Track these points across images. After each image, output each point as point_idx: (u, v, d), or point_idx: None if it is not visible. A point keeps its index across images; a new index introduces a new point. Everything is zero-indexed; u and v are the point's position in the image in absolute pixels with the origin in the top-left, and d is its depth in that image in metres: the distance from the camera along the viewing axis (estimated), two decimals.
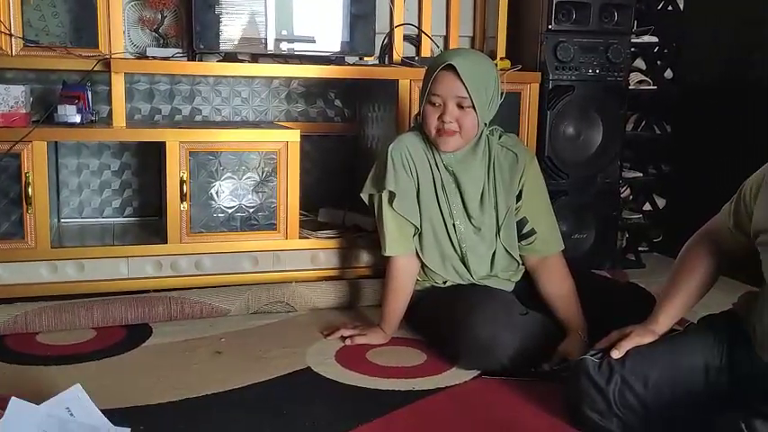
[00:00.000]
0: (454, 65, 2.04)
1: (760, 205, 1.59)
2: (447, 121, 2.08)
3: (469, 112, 2.08)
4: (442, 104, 2.08)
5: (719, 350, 1.68)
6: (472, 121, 2.09)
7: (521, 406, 1.87)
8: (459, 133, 2.10)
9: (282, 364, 2.06)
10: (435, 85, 2.08)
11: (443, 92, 2.07)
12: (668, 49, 3.44)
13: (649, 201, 3.55)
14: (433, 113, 2.10)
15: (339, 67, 2.73)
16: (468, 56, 2.15)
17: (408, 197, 2.17)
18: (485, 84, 2.09)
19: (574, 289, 2.21)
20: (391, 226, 2.19)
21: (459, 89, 2.06)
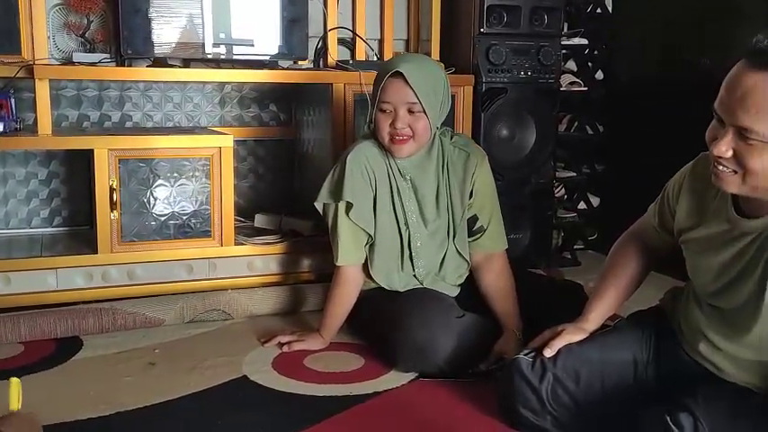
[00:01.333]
0: (402, 71, 2.04)
1: (681, 205, 1.63)
2: (399, 128, 2.08)
3: (421, 117, 2.09)
4: (392, 111, 2.08)
5: (647, 345, 1.72)
6: (424, 125, 2.10)
7: (457, 407, 1.88)
8: (413, 138, 2.10)
9: (218, 373, 2.03)
10: (384, 92, 2.08)
11: (393, 99, 2.07)
12: (598, 51, 3.52)
13: (584, 200, 3.61)
14: (384, 120, 2.10)
15: (273, 71, 2.71)
16: (416, 61, 2.15)
17: (365, 207, 2.16)
18: (434, 88, 2.10)
19: (513, 288, 2.24)
20: (346, 236, 2.17)
21: (408, 95, 2.06)
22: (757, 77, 1.31)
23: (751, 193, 1.41)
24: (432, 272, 2.23)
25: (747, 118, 1.32)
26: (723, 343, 1.55)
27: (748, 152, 1.34)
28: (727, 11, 2.95)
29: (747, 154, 1.34)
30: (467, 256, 2.26)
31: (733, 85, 1.35)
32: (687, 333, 1.66)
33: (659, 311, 1.80)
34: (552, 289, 2.40)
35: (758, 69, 1.31)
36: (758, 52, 1.32)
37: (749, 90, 1.31)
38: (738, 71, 1.35)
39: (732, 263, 1.49)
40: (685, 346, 1.66)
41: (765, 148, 1.32)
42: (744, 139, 1.34)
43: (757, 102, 1.30)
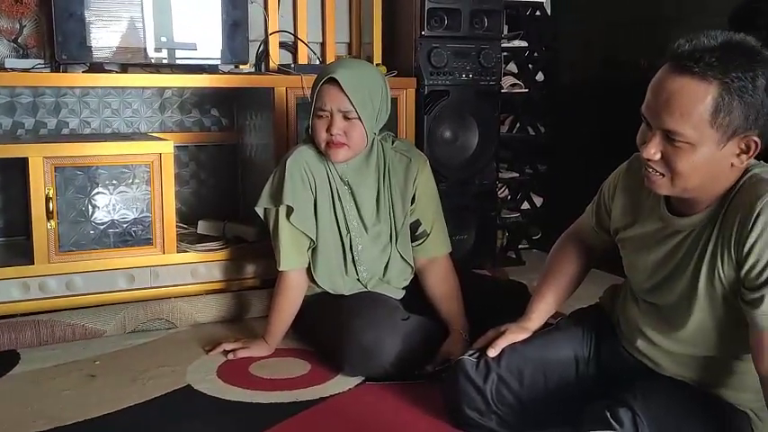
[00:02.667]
0: (337, 78, 2.03)
1: (617, 205, 1.67)
2: (334, 134, 2.07)
3: (356, 124, 2.08)
4: (328, 117, 2.08)
5: (588, 343, 1.75)
6: (360, 132, 2.09)
7: (404, 409, 1.88)
8: (348, 145, 2.10)
9: (161, 383, 2.00)
10: (320, 98, 2.08)
11: (328, 105, 2.07)
12: (538, 53, 3.57)
13: (527, 199, 3.66)
14: (321, 126, 2.09)
15: (214, 76, 2.68)
16: (352, 67, 2.14)
17: (306, 210, 2.14)
18: (370, 95, 2.09)
19: (458, 290, 2.25)
20: (287, 240, 2.15)
21: (343, 102, 2.05)
22: (680, 81, 1.34)
23: (682, 194, 1.45)
24: (376, 276, 2.23)
25: (672, 121, 1.35)
26: (659, 339, 1.58)
27: (675, 155, 1.38)
28: (664, 12, 3.03)
29: (675, 156, 1.38)
30: (410, 261, 2.26)
31: (658, 90, 1.38)
32: (625, 329, 1.69)
33: (599, 309, 1.84)
34: (497, 289, 2.43)
35: (681, 73, 1.35)
36: (680, 56, 1.35)
37: (673, 94, 1.35)
38: (662, 75, 1.38)
39: (666, 260, 1.53)
40: (624, 343, 1.69)
41: (691, 149, 1.36)
42: (671, 142, 1.37)
43: (681, 105, 1.34)
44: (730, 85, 1.31)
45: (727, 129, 1.33)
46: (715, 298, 1.45)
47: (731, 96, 1.31)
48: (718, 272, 1.42)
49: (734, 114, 1.32)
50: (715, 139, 1.34)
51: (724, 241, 1.40)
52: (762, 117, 1.33)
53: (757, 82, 1.31)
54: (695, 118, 1.33)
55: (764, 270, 1.33)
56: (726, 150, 1.36)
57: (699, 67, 1.32)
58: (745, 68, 1.31)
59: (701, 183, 1.40)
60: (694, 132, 1.34)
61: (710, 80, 1.31)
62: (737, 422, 1.52)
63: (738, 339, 1.43)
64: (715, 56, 1.31)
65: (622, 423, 1.41)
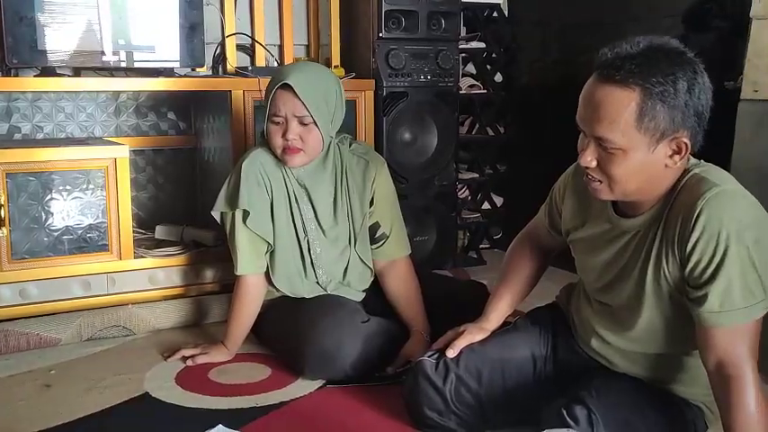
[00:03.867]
0: (290, 83, 2.01)
1: (567, 206, 1.69)
2: (290, 139, 2.05)
3: (312, 129, 2.06)
4: (283, 123, 2.06)
5: (545, 341, 1.77)
6: (316, 137, 2.08)
7: (364, 411, 1.88)
8: (304, 150, 2.08)
9: (118, 392, 1.97)
10: (274, 104, 2.05)
11: (283, 111, 2.04)
12: (496, 54, 3.59)
13: (487, 200, 3.68)
14: (276, 132, 2.07)
15: (169, 79, 2.64)
16: (305, 71, 2.11)
17: (263, 214, 2.12)
18: (324, 99, 2.08)
19: (419, 291, 2.26)
20: (244, 244, 2.13)
21: (298, 108, 2.03)
22: (605, 90, 1.38)
23: (622, 198, 1.48)
24: (335, 279, 2.22)
25: (601, 129, 1.38)
26: (612, 338, 1.61)
27: (610, 161, 1.41)
28: (619, 13, 3.07)
29: (609, 163, 1.41)
30: (369, 263, 2.26)
31: (586, 99, 1.42)
32: (580, 329, 1.72)
33: (554, 307, 1.86)
34: (457, 290, 2.44)
35: (605, 82, 1.38)
36: (603, 65, 1.38)
37: (599, 102, 1.38)
38: (590, 85, 1.42)
39: (614, 261, 1.56)
40: (579, 341, 1.72)
41: (624, 155, 1.39)
42: (604, 149, 1.40)
43: (608, 113, 1.37)
44: (652, 90, 1.34)
45: (654, 132, 1.36)
46: (662, 297, 1.47)
47: (654, 101, 1.34)
48: (663, 271, 1.44)
49: (659, 118, 1.35)
50: (644, 143, 1.37)
51: (668, 241, 1.43)
52: (688, 117, 1.36)
53: (678, 85, 1.34)
54: (622, 125, 1.36)
55: (707, 269, 1.36)
56: (657, 153, 1.39)
57: (620, 74, 1.35)
58: (666, 73, 1.34)
59: (638, 186, 1.43)
60: (623, 138, 1.37)
61: (633, 87, 1.35)
62: (691, 416, 1.56)
63: (687, 336, 1.45)
64: (636, 62, 1.35)
65: (578, 421, 1.43)
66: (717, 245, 1.34)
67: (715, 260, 1.35)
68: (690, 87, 1.35)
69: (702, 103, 1.38)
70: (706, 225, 1.35)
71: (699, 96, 1.37)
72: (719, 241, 1.34)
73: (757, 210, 1.38)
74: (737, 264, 1.34)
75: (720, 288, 1.35)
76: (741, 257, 1.34)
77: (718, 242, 1.34)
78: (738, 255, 1.33)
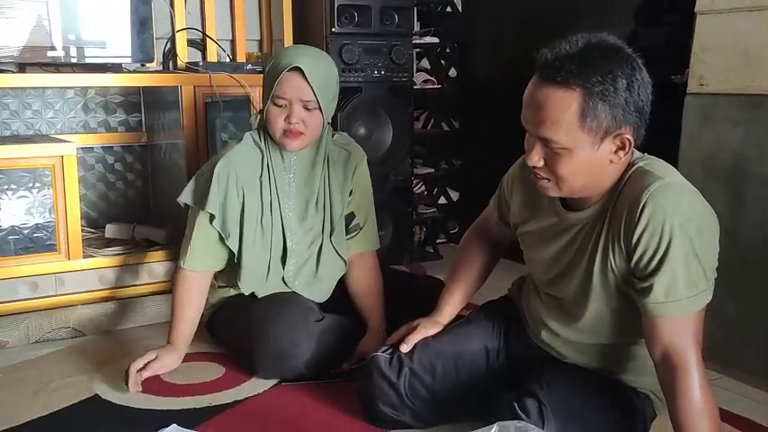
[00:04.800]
0: (302, 67, 1.97)
1: (515, 199, 1.71)
2: (294, 123, 2.00)
3: (316, 113, 2.03)
4: (287, 105, 2.01)
5: (497, 334, 1.78)
6: (318, 121, 2.05)
7: (319, 409, 1.87)
8: (305, 134, 2.04)
9: (67, 394, 1.93)
10: (281, 87, 1.99)
11: (289, 94, 1.99)
12: (450, 49, 3.61)
13: (443, 194, 3.70)
14: (279, 115, 2.02)
15: (118, 74, 2.59)
16: (314, 56, 2.07)
17: (231, 220, 2.06)
18: (329, 83, 2.05)
19: (381, 287, 2.25)
20: (200, 242, 2.06)
21: (306, 92, 1.99)
22: (546, 91, 1.38)
23: (569, 195, 1.49)
24: (306, 273, 2.17)
25: (545, 130, 1.39)
26: (561, 329, 1.62)
27: (555, 160, 1.42)
28: (574, 8, 3.10)
29: (555, 162, 1.42)
30: (344, 255, 2.21)
31: (529, 101, 1.43)
32: (530, 321, 1.73)
33: (507, 300, 1.87)
34: (413, 285, 2.43)
35: (545, 83, 1.39)
36: (544, 66, 1.39)
37: (542, 104, 1.39)
38: (531, 86, 1.43)
39: (562, 254, 1.57)
40: (530, 334, 1.73)
41: (569, 154, 1.40)
42: (549, 149, 1.41)
43: (550, 114, 1.38)
44: (592, 89, 1.35)
45: (597, 130, 1.37)
46: (609, 288, 1.49)
47: (594, 100, 1.35)
48: (610, 263, 1.46)
49: (601, 117, 1.36)
50: (588, 141, 1.39)
51: (614, 234, 1.45)
52: (629, 113, 1.38)
53: (618, 83, 1.36)
54: (565, 125, 1.37)
55: (652, 260, 1.38)
56: (602, 150, 1.40)
57: (561, 75, 1.36)
58: (605, 71, 1.35)
59: (584, 183, 1.45)
60: (567, 138, 1.38)
61: (573, 87, 1.36)
62: (640, 404, 1.58)
63: (634, 327, 1.47)
64: (575, 62, 1.36)
65: (529, 413, 1.44)
66: (661, 236, 1.36)
67: (659, 252, 1.37)
68: (629, 84, 1.37)
69: (642, 99, 1.39)
70: (650, 217, 1.37)
71: (639, 93, 1.38)
72: (663, 233, 1.36)
73: (699, 201, 1.41)
74: (681, 255, 1.36)
75: (665, 279, 1.37)
76: (684, 249, 1.36)
77: (662, 234, 1.36)
78: (682, 246, 1.35)
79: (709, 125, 2.13)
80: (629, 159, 1.46)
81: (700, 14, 2.13)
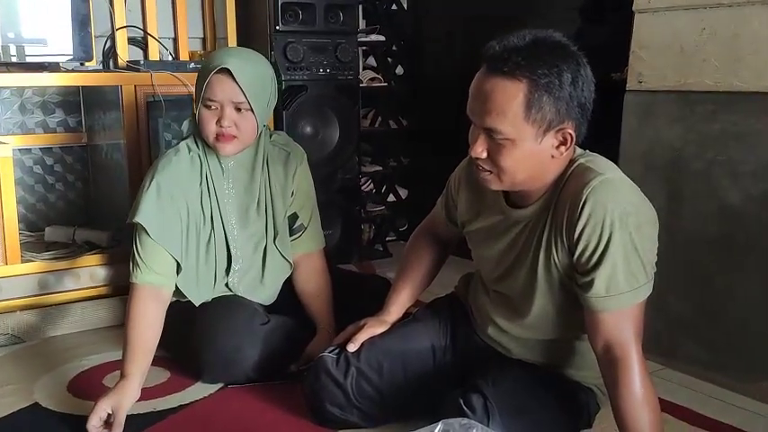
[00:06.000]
0: (229, 68, 1.92)
1: (462, 198, 1.71)
2: (225, 126, 1.95)
3: (248, 116, 1.98)
4: (218, 108, 1.96)
5: (444, 331, 1.79)
6: (251, 124, 1.99)
7: (266, 411, 1.86)
8: (238, 138, 1.99)
9: (5, 403, 1.88)
10: (210, 89, 1.94)
11: (219, 96, 1.94)
12: (397, 47, 3.61)
13: (392, 192, 3.70)
14: (210, 118, 1.97)
15: (55, 74, 2.51)
16: (243, 56, 2.02)
17: (171, 228, 1.97)
18: (262, 85, 2.00)
19: (328, 287, 2.23)
20: (147, 255, 1.93)
21: (236, 94, 1.94)
22: (493, 81, 1.40)
23: (511, 188, 1.50)
24: (250, 277, 2.13)
25: (490, 120, 1.40)
26: (507, 325, 1.64)
27: (498, 152, 1.43)
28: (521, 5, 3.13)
29: (498, 154, 1.43)
30: (289, 258, 2.18)
31: (475, 91, 1.44)
32: (478, 317, 1.74)
33: (454, 297, 1.88)
34: (360, 285, 2.42)
35: (493, 74, 1.40)
36: (491, 57, 1.41)
37: (488, 94, 1.40)
38: (478, 77, 1.44)
39: (508, 251, 1.58)
40: (477, 330, 1.74)
41: (512, 145, 1.41)
42: (493, 140, 1.42)
43: (496, 104, 1.39)
44: (538, 81, 1.37)
45: (541, 123, 1.39)
46: (553, 284, 1.51)
47: (540, 92, 1.37)
48: (553, 259, 1.48)
49: (545, 109, 1.38)
50: (532, 133, 1.40)
51: (556, 229, 1.46)
52: (572, 109, 1.40)
53: (563, 77, 1.38)
54: (510, 115, 1.38)
55: (593, 255, 1.40)
56: (544, 144, 1.42)
57: (508, 66, 1.37)
58: (551, 65, 1.37)
59: (526, 176, 1.46)
60: (512, 129, 1.39)
61: (520, 78, 1.37)
62: (584, 398, 1.61)
63: (578, 322, 1.49)
64: (522, 55, 1.37)
65: (474, 410, 1.45)
66: (602, 231, 1.38)
67: (600, 246, 1.38)
68: (574, 80, 1.39)
69: (585, 95, 1.42)
70: (591, 213, 1.38)
71: (582, 89, 1.40)
72: (604, 228, 1.38)
73: (639, 197, 1.43)
74: (621, 249, 1.38)
75: (606, 273, 1.39)
76: (624, 243, 1.38)
77: (602, 229, 1.38)
78: (621, 240, 1.37)
79: (649, 122, 2.17)
80: (571, 155, 1.48)
81: (638, 13, 2.17)
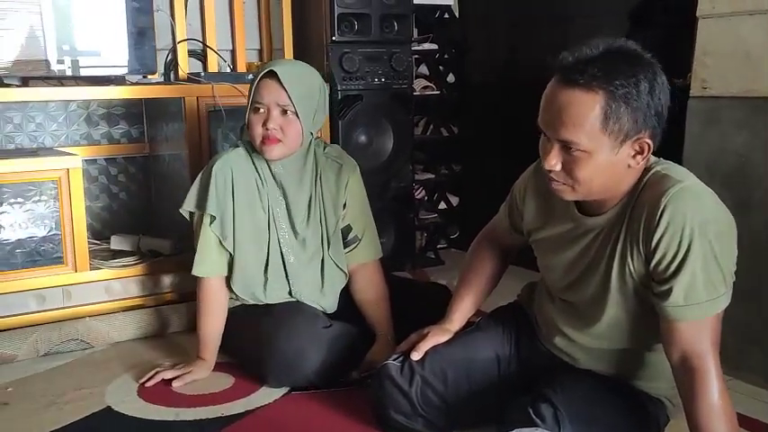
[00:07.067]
0: (276, 72, 2.00)
1: (528, 207, 1.71)
2: (270, 128, 2.02)
3: (293, 120, 2.04)
4: (265, 111, 2.03)
5: (508, 341, 1.79)
6: (296, 129, 2.05)
7: (330, 417, 1.88)
8: (283, 141, 2.05)
9: (79, 407, 1.94)
10: (258, 92, 2.03)
11: (266, 99, 2.02)
12: (448, 55, 3.62)
13: (443, 200, 3.71)
14: (257, 121, 2.04)
15: (121, 87, 2.59)
16: (292, 65, 2.12)
17: (227, 220, 2.09)
18: (308, 93, 2.07)
19: (387, 295, 2.25)
20: (207, 246, 2.09)
21: (281, 96, 2.02)
22: (569, 94, 1.39)
23: (585, 198, 1.50)
24: (312, 286, 2.18)
25: (566, 132, 1.39)
26: (576, 335, 1.63)
27: (574, 163, 1.42)
28: (567, 10, 3.12)
29: (574, 165, 1.42)
30: (344, 268, 2.23)
31: (549, 103, 1.43)
32: (543, 327, 1.74)
33: (517, 306, 1.88)
34: (419, 292, 2.44)
35: (568, 86, 1.39)
36: (565, 69, 1.40)
37: (564, 106, 1.39)
38: (552, 89, 1.43)
39: (579, 259, 1.58)
40: (543, 339, 1.74)
41: (588, 157, 1.40)
42: (568, 152, 1.42)
43: (572, 116, 1.38)
44: (615, 92, 1.36)
45: (618, 134, 1.38)
46: (627, 293, 1.50)
47: (617, 103, 1.36)
48: (628, 267, 1.47)
49: (623, 120, 1.37)
50: (609, 144, 1.39)
51: (633, 237, 1.45)
52: (650, 118, 1.39)
53: (640, 86, 1.37)
54: (587, 127, 1.37)
55: (672, 263, 1.39)
56: (621, 154, 1.41)
57: (584, 78, 1.36)
58: (628, 75, 1.36)
59: (601, 187, 1.45)
60: (589, 141, 1.38)
61: (596, 90, 1.36)
62: (654, 410, 1.59)
63: (650, 331, 1.48)
64: (597, 66, 1.36)
65: (544, 418, 1.45)
66: (681, 240, 1.37)
67: (679, 255, 1.37)
68: (651, 88, 1.38)
69: (662, 104, 1.40)
70: (670, 221, 1.37)
71: (659, 97, 1.39)
72: (683, 236, 1.36)
73: (718, 204, 1.42)
74: (701, 258, 1.37)
75: (684, 282, 1.37)
76: (704, 252, 1.36)
77: (682, 237, 1.37)
78: (701, 249, 1.36)
79: (713, 128, 2.15)
80: (647, 163, 1.47)
81: (701, 18, 2.14)
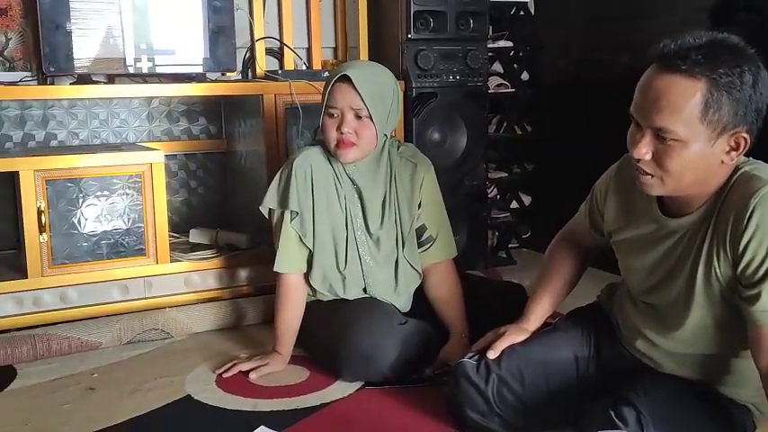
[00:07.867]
0: (349, 75, 2.02)
1: (609, 207, 1.68)
2: (345, 132, 2.04)
3: (368, 123, 2.06)
4: (339, 115, 2.06)
5: (587, 342, 1.76)
6: (371, 132, 2.07)
7: (405, 413, 1.89)
8: (357, 145, 2.07)
9: (160, 395, 1.99)
10: (332, 96, 2.05)
11: (340, 103, 2.04)
12: (523, 53, 3.59)
13: (516, 199, 3.68)
14: (331, 125, 2.07)
15: (201, 84, 2.66)
16: (365, 67, 2.13)
17: (307, 217, 2.12)
18: (382, 95, 2.07)
19: (461, 294, 2.25)
20: (287, 243, 2.13)
21: (354, 100, 2.03)
22: (668, 79, 1.35)
23: (673, 193, 1.46)
24: (386, 285, 2.20)
25: (662, 119, 1.36)
26: (658, 339, 1.60)
27: (666, 153, 1.38)
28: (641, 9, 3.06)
29: (665, 155, 1.39)
30: (418, 267, 2.24)
31: (646, 89, 1.39)
32: (624, 330, 1.70)
33: (596, 307, 1.85)
34: (494, 291, 2.43)
35: (668, 71, 1.36)
36: (666, 55, 1.37)
37: (662, 92, 1.36)
38: (650, 75, 1.40)
39: (662, 262, 1.54)
40: (624, 342, 1.71)
41: (683, 147, 1.37)
42: (661, 141, 1.38)
43: (670, 102, 1.35)
44: (718, 80, 1.32)
45: (717, 125, 1.34)
46: (712, 296, 1.46)
47: (720, 92, 1.32)
48: (714, 270, 1.43)
49: (723, 110, 1.33)
50: (706, 135, 1.35)
51: (719, 240, 1.42)
52: (750, 113, 1.35)
53: (744, 78, 1.33)
54: (685, 114, 1.34)
55: (761, 267, 1.35)
56: (716, 147, 1.37)
57: (686, 64, 1.33)
58: (732, 64, 1.33)
59: (692, 182, 1.41)
60: (685, 129, 1.35)
61: (698, 77, 1.33)
62: (739, 416, 1.55)
63: (737, 336, 1.44)
64: (701, 53, 1.33)
65: (627, 422, 1.42)
66: None
67: None
68: (755, 81, 1.34)
69: (764, 99, 1.36)
70: (759, 223, 1.34)
71: (761, 92, 1.35)
72: None
73: None
74: None
75: None
76: None
77: None
78: None
79: None
80: (736, 163, 1.43)
81: None
